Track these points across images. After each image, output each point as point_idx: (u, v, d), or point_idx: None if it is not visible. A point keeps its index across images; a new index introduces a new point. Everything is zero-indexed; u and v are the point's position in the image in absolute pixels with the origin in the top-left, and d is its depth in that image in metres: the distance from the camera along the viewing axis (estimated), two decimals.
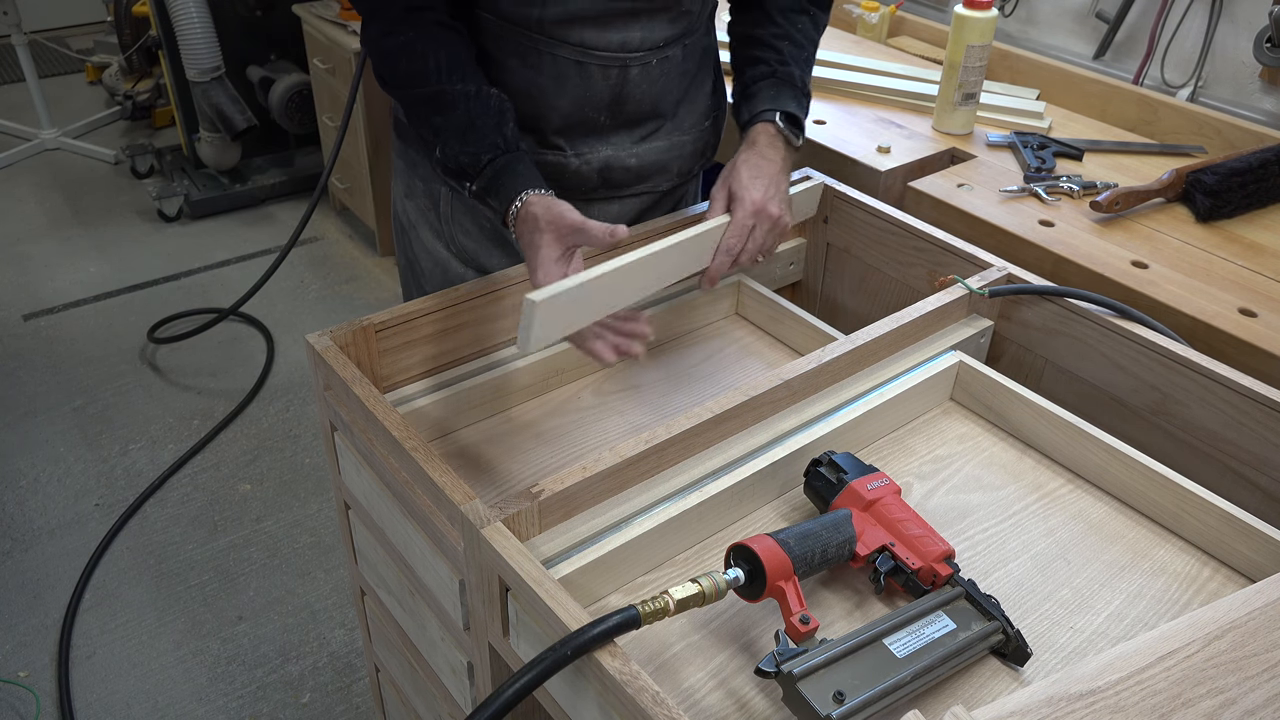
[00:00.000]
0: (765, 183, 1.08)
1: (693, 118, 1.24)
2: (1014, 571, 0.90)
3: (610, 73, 1.12)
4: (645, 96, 1.16)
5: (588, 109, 1.14)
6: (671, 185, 1.28)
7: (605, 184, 1.21)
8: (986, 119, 1.74)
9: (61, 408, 2.55)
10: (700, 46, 1.21)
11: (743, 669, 0.80)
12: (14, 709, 1.81)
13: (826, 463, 0.92)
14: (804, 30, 1.21)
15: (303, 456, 2.42)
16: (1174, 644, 0.63)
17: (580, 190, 1.20)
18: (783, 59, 1.18)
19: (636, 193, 1.25)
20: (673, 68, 1.17)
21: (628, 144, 1.19)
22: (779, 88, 1.16)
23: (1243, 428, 0.97)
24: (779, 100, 1.15)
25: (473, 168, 1.02)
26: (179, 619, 2.00)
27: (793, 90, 1.16)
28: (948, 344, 1.10)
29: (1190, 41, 1.88)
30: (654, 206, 1.29)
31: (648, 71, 1.14)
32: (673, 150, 1.23)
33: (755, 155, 1.10)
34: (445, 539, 0.86)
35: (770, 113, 1.13)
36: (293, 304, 2.99)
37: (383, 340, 1.02)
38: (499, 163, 1.01)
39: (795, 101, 1.16)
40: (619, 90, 1.14)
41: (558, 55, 1.10)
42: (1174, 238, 1.39)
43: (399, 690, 1.23)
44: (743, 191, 1.07)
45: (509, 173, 1.01)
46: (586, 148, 1.17)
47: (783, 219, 1.08)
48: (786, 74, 1.17)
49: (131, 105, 3.91)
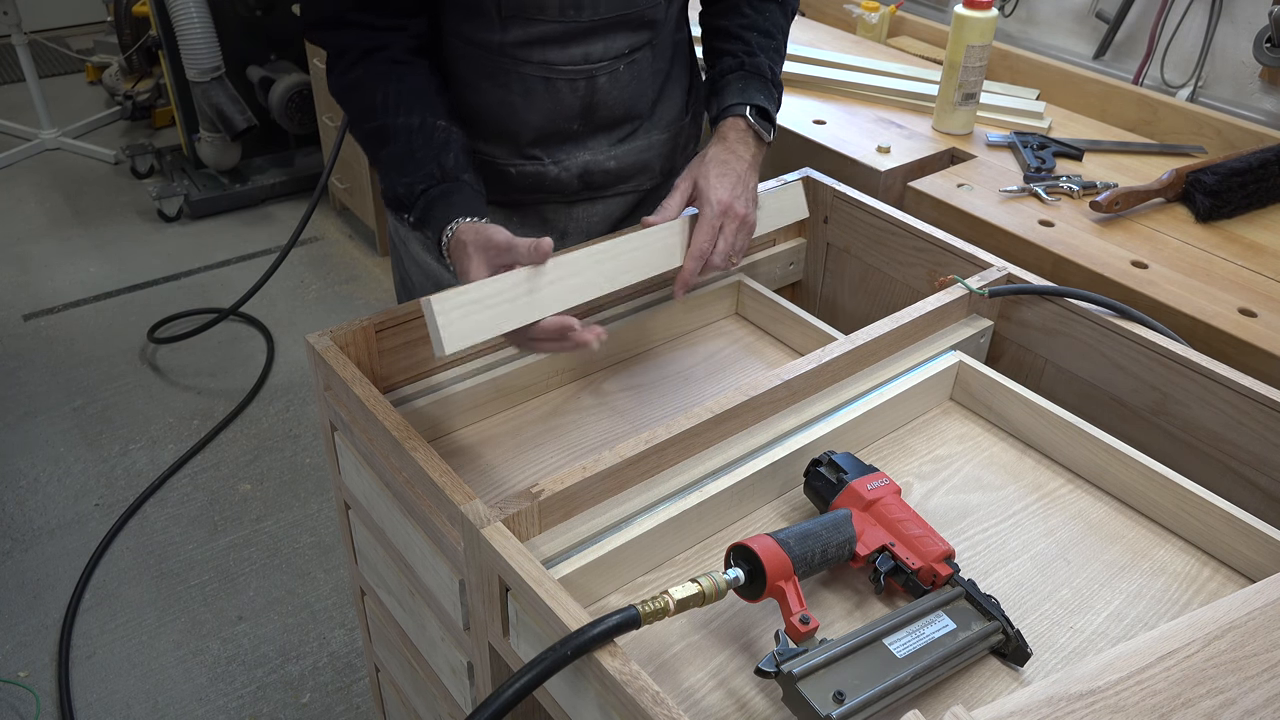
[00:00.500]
0: (732, 181, 1.06)
1: (670, 114, 1.24)
2: (1014, 571, 0.90)
3: (578, 85, 1.12)
4: (617, 102, 1.16)
5: (560, 120, 1.14)
6: (655, 183, 1.27)
7: (587, 186, 1.21)
8: (986, 119, 1.74)
9: (61, 408, 2.55)
10: (671, 43, 1.20)
11: (743, 669, 0.80)
12: (14, 709, 1.81)
13: (826, 463, 0.92)
14: (772, 19, 1.19)
15: (303, 456, 2.42)
16: (1174, 644, 0.63)
17: (562, 194, 1.20)
18: (750, 50, 1.16)
19: (620, 193, 1.24)
20: (643, 70, 1.16)
21: (605, 147, 1.19)
22: (747, 80, 1.14)
23: (1243, 428, 0.97)
24: (747, 93, 1.13)
25: (408, 198, 1.02)
26: (179, 619, 1.99)
27: (761, 82, 1.15)
28: (948, 344, 1.10)
29: (1190, 41, 1.88)
30: (640, 205, 1.28)
31: (616, 78, 1.14)
32: (652, 149, 1.23)
33: (724, 151, 1.08)
34: (445, 539, 0.86)
35: (740, 106, 1.12)
36: (293, 304, 2.99)
37: (383, 340, 1.02)
38: (433, 193, 1.01)
39: (764, 94, 1.14)
40: (589, 100, 1.14)
41: (524, 73, 1.10)
42: (1174, 238, 1.39)
43: (399, 690, 1.23)
44: (710, 190, 1.04)
45: (442, 202, 1.00)
46: (564, 154, 1.17)
47: (749, 217, 1.06)
48: (755, 65, 1.15)
49: (131, 105, 3.91)
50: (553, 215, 1.23)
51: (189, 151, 3.53)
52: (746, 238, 1.07)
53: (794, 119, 1.70)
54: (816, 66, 1.89)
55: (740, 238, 1.06)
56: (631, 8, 1.09)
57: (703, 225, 1.04)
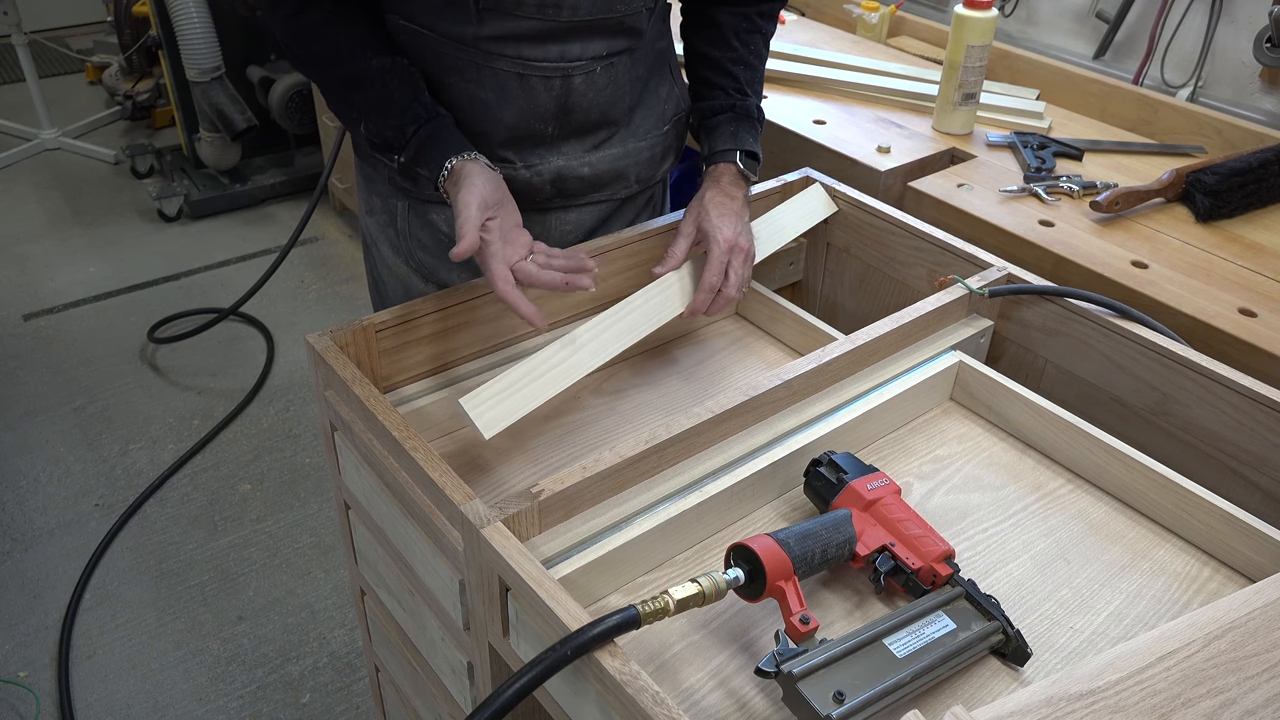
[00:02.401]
0: (733, 219, 1.12)
1: (649, 123, 1.22)
2: (1014, 571, 0.90)
3: (553, 83, 1.11)
4: (593, 105, 1.15)
5: (533, 120, 1.13)
6: (631, 193, 1.25)
7: (559, 194, 1.19)
8: (986, 119, 1.74)
9: (61, 408, 2.55)
10: (653, 51, 1.20)
11: (743, 669, 0.80)
12: (14, 709, 1.81)
13: (826, 463, 0.92)
14: (756, 51, 1.23)
15: (303, 456, 2.42)
16: (1174, 644, 0.63)
17: (534, 201, 1.18)
18: (741, 88, 1.21)
19: (593, 201, 1.22)
20: (621, 75, 1.15)
21: (579, 153, 1.17)
22: (739, 124, 1.19)
23: (1243, 428, 0.97)
24: (739, 138, 1.17)
25: (398, 141, 1.05)
26: (179, 619, 1.99)
27: (750, 124, 1.19)
28: (948, 344, 1.10)
29: (1190, 41, 1.88)
30: (615, 214, 1.26)
31: (593, 80, 1.13)
32: (628, 158, 1.21)
33: (719, 194, 1.14)
34: (445, 539, 0.86)
35: (732, 153, 1.16)
36: (293, 304, 2.99)
37: (383, 340, 1.02)
38: (423, 133, 1.04)
39: (753, 135, 1.19)
40: (564, 100, 1.12)
41: (497, 69, 1.09)
42: (1174, 238, 1.39)
43: (399, 690, 1.23)
44: (715, 231, 1.10)
45: (433, 142, 1.04)
46: (536, 158, 1.16)
47: (751, 250, 1.13)
48: (745, 108, 1.20)
49: (131, 105, 3.91)
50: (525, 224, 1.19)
51: (189, 151, 3.53)
52: (750, 269, 1.14)
53: (794, 119, 1.70)
54: (816, 66, 1.89)
55: (746, 269, 1.12)
56: (611, 12, 1.08)
57: (712, 263, 1.09)
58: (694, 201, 1.15)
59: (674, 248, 1.11)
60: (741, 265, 1.11)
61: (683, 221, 1.13)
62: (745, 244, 1.12)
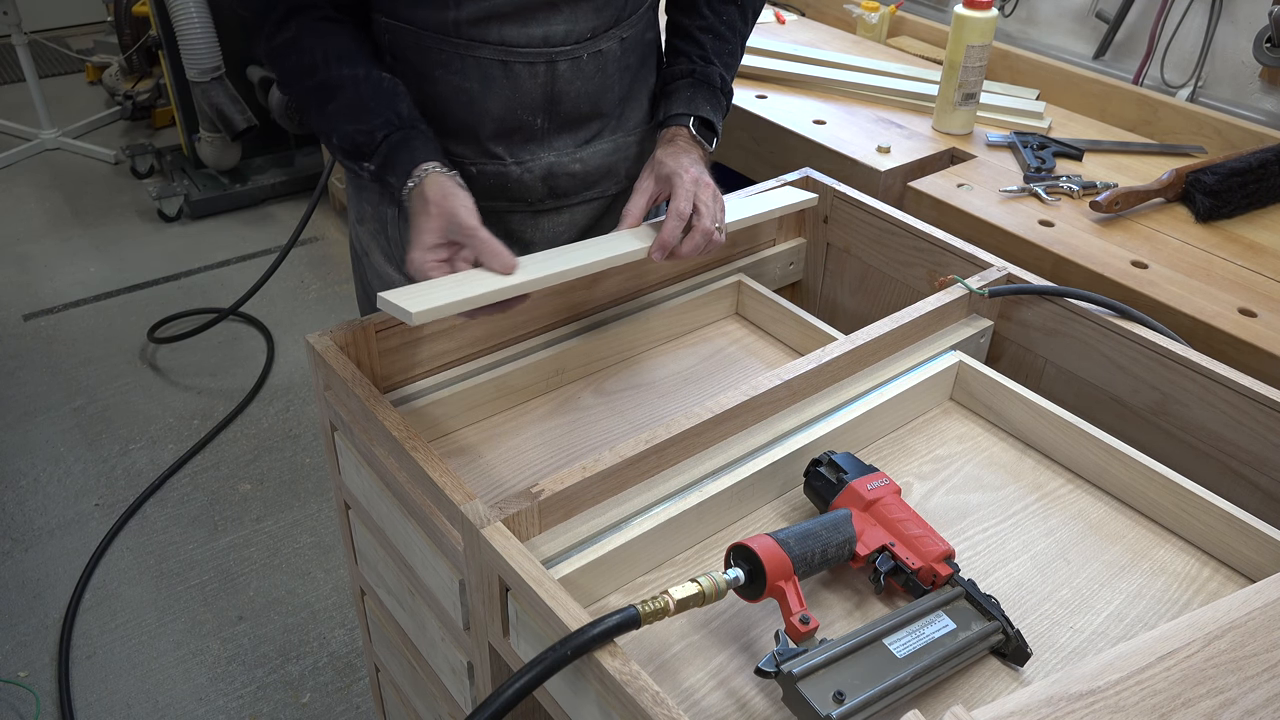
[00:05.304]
0: (692, 163, 1.07)
1: (638, 116, 1.21)
2: (1014, 571, 0.90)
3: (537, 70, 1.09)
4: (581, 95, 1.13)
5: (521, 111, 1.11)
6: (621, 189, 1.23)
7: (552, 193, 1.18)
8: (986, 119, 1.74)
9: (61, 408, 2.55)
10: (642, 41, 1.18)
11: (743, 669, 0.80)
12: (14, 709, 1.81)
13: (826, 463, 0.92)
14: (729, 22, 1.19)
15: (303, 456, 2.42)
16: (1174, 644, 0.63)
17: (527, 201, 1.17)
18: (705, 55, 1.16)
19: (585, 199, 1.21)
20: (608, 63, 1.13)
21: (570, 148, 1.16)
22: (696, 89, 1.15)
23: (1243, 428, 0.97)
24: (694, 104, 1.14)
25: (368, 146, 1.01)
26: (179, 619, 2.00)
27: (709, 91, 1.15)
28: (948, 344, 1.10)
29: (1190, 41, 1.88)
30: (606, 213, 1.25)
31: (579, 67, 1.11)
32: (618, 152, 1.20)
33: (674, 149, 1.10)
34: (445, 539, 0.86)
35: (684, 118, 1.13)
36: (293, 304, 2.99)
37: (383, 340, 1.02)
38: (394, 139, 1.00)
39: (711, 104, 1.15)
40: (550, 89, 1.10)
41: (480, 57, 1.07)
42: (1174, 238, 1.39)
43: (399, 690, 1.23)
44: (677, 168, 1.05)
45: (404, 148, 0.99)
46: (527, 154, 1.14)
47: (719, 192, 1.07)
48: (706, 74, 1.16)
49: (131, 105, 3.91)
50: (518, 226, 1.20)
51: (189, 151, 3.53)
52: (722, 210, 1.06)
53: (794, 119, 1.70)
54: (816, 66, 1.89)
55: (716, 204, 1.05)
56: None
57: (679, 192, 1.03)
58: (647, 163, 1.10)
59: (630, 205, 1.06)
60: (710, 199, 1.04)
61: (639, 179, 1.09)
62: (710, 182, 1.05)
